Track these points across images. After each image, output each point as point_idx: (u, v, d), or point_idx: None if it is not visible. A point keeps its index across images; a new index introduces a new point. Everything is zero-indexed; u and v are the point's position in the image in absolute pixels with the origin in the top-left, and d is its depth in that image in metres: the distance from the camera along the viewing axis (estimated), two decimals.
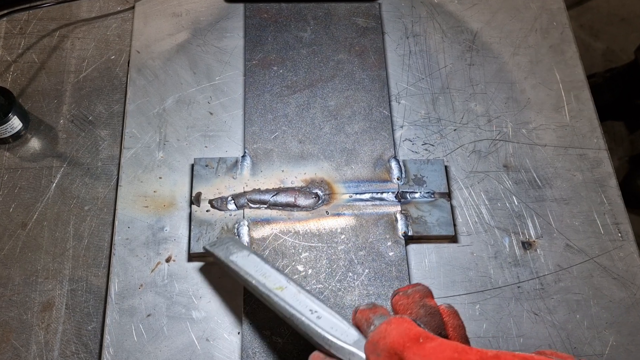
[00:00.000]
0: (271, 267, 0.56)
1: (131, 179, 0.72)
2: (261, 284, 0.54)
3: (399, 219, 0.69)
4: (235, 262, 0.58)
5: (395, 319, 0.44)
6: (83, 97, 0.80)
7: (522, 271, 0.69)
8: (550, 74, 0.82)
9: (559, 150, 0.76)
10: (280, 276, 0.54)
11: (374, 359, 0.43)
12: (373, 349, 0.43)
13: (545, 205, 0.73)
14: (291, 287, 0.53)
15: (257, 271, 0.56)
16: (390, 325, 0.44)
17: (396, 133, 0.76)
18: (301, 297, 0.51)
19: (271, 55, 0.79)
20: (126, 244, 0.68)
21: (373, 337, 0.44)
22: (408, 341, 0.41)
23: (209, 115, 0.76)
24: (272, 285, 0.53)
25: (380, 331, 0.44)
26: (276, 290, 0.52)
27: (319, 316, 0.49)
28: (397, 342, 0.42)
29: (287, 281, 0.53)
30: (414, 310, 0.47)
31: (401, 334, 0.42)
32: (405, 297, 0.48)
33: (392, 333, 0.43)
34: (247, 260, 0.57)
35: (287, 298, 0.51)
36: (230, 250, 0.59)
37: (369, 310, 0.48)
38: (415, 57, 0.82)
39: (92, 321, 0.67)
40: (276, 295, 0.52)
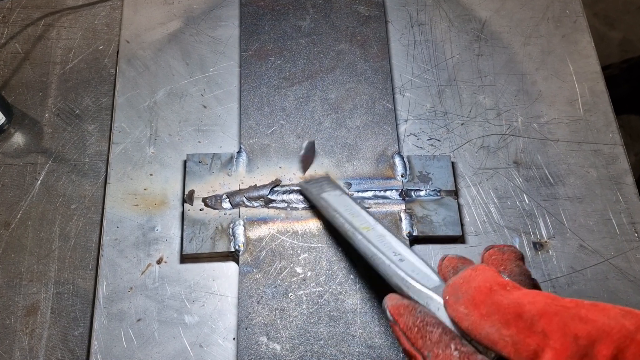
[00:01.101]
0: (362, 209, 0.58)
1: (120, 176, 0.72)
2: (348, 222, 0.56)
3: (403, 218, 0.69)
4: (326, 199, 0.61)
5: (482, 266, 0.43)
6: (69, 89, 0.80)
7: (534, 273, 0.67)
8: (563, 65, 0.82)
9: (572, 145, 0.76)
10: (369, 217, 0.56)
11: (453, 303, 0.42)
12: (453, 291, 0.42)
13: (558, 204, 0.72)
14: (378, 228, 0.54)
15: (346, 210, 0.58)
16: (475, 271, 0.43)
17: (400, 127, 0.76)
18: (387, 239, 0.52)
19: (268, 45, 0.79)
20: (115, 245, 0.68)
21: (455, 280, 0.43)
22: (495, 285, 0.40)
23: (202, 108, 0.76)
24: (359, 224, 0.55)
25: (464, 275, 0.43)
26: (362, 230, 0.54)
27: (402, 259, 0.49)
28: (483, 286, 0.41)
29: (375, 223, 0.55)
30: (509, 266, 0.46)
31: (487, 279, 0.41)
32: (501, 252, 0.47)
33: (478, 278, 0.42)
34: (339, 199, 0.61)
35: (372, 238, 0.53)
36: (324, 188, 0.63)
37: (457, 260, 0.47)
38: (420, 47, 0.82)
39: (79, 326, 0.67)
40: (361, 234, 0.54)
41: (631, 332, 0.35)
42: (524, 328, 0.37)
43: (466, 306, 0.41)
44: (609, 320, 0.36)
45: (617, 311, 0.37)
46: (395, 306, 0.45)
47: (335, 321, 0.63)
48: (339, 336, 0.63)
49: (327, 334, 0.63)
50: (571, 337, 0.36)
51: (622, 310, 0.37)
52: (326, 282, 0.65)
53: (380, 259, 0.50)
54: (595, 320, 0.36)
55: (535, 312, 0.38)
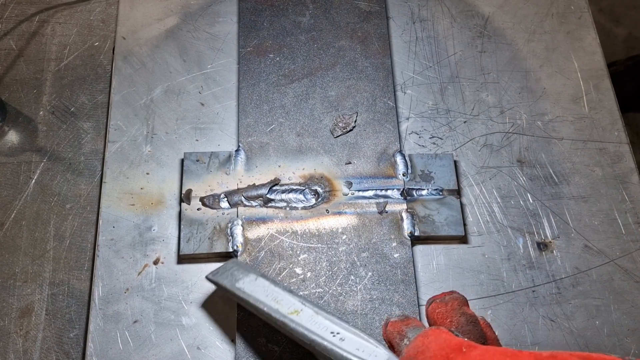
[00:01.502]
0: (283, 290, 0.55)
1: (116, 175, 0.71)
2: (274, 310, 0.53)
3: (405, 218, 0.69)
4: (242, 289, 0.57)
5: (432, 330, 0.43)
6: (64, 86, 0.80)
7: (538, 274, 0.68)
8: (567, 62, 0.81)
9: (577, 144, 0.76)
10: (293, 299, 0.54)
11: None
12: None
13: (562, 203, 0.72)
14: (307, 310, 0.52)
15: (268, 296, 0.55)
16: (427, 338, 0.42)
17: (402, 125, 0.76)
18: (319, 319, 0.51)
19: (267, 42, 0.79)
20: (111, 245, 0.68)
21: (409, 352, 0.43)
22: (451, 352, 0.40)
23: (200, 106, 0.76)
24: (287, 310, 0.53)
25: (417, 345, 0.42)
26: (291, 316, 0.52)
27: (342, 338, 0.48)
28: (439, 355, 0.40)
29: (302, 303, 0.53)
30: (454, 318, 0.46)
31: (441, 346, 0.41)
32: (443, 304, 0.47)
33: (431, 346, 0.41)
34: (255, 285, 0.57)
35: (305, 322, 0.51)
36: (236, 277, 0.58)
37: (401, 322, 0.47)
38: (422, 43, 0.82)
39: (74, 328, 0.67)
40: (292, 321, 0.51)
41: None
42: None
43: None
44: None
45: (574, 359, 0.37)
46: None
47: None
48: None
49: None
50: None
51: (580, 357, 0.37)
52: (326, 283, 0.65)
53: (322, 345, 0.48)
54: None
55: None
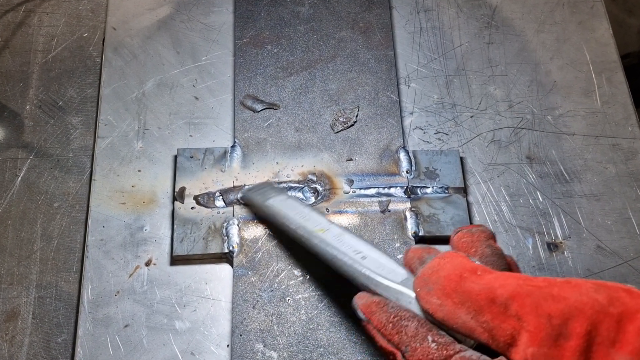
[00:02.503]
0: (312, 211, 0.58)
1: (106, 172, 0.71)
2: (301, 227, 0.55)
3: (409, 217, 0.69)
4: (272, 206, 0.60)
5: (449, 253, 0.45)
6: (52, 79, 0.80)
7: (548, 276, 0.68)
8: (579, 54, 0.81)
9: (589, 139, 0.76)
10: (321, 218, 0.56)
11: (425, 294, 0.43)
12: (424, 283, 0.43)
13: (574, 202, 0.72)
14: (334, 229, 0.54)
15: (297, 214, 0.58)
16: (443, 259, 0.44)
17: (405, 120, 0.76)
18: (345, 238, 0.52)
19: (264, 33, 0.79)
20: (101, 246, 0.68)
21: (424, 271, 0.44)
22: (464, 272, 0.42)
23: (194, 100, 0.76)
24: (313, 227, 0.55)
25: (433, 265, 0.44)
26: (317, 232, 0.54)
27: (364, 256, 0.50)
28: (453, 273, 0.42)
29: (329, 223, 0.55)
30: (479, 248, 0.47)
31: (456, 266, 0.43)
32: (470, 234, 0.48)
33: (446, 266, 0.43)
34: (286, 203, 0.60)
35: (329, 239, 0.53)
36: (267, 195, 0.62)
37: (422, 250, 0.48)
38: (426, 34, 0.81)
39: (62, 332, 0.67)
40: (317, 237, 0.53)
41: (604, 307, 0.37)
42: (498, 313, 0.39)
43: (438, 296, 0.42)
44: (581, 297, 0.37)
45: (589, 286, 0.38)
46: (366, 304, 0.46)
47: (336, 327, 0.63)
48: (340, 343, 0.62)
49: (327, 341, 0.62)
50: (545, 318, 0.37)
51: (595, 285, 0.39)
52: (326, 285, 0.65)
53: (342, 260, 0.50)
54: (568, 298, 0.37)
55: (507, 296, 0.39)
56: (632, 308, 0.37)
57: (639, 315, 0.37)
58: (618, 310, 0.37)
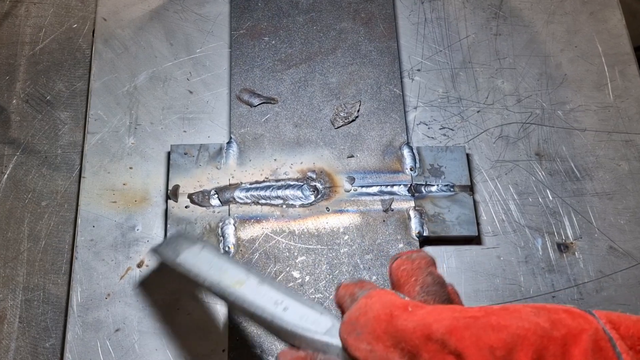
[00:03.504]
0: (227, 261, 0.56)
1: (96, 170, 0.71)
2: (215, 283, 0.54)
3: (412, 217, 0.69)
4: (184, 263, 0.57)
5: (376, 292, 0.44)
6: (40, 72, 0.80)
7: (558, 278, 0.68)
8: (590, 46, 0.81)
9: (601, 135, 0.76)
10: (238, 270, 0.54)
11: (353, 341, 0.41)
12: (351, 328, 0.42)
13: (585, 201, 0.72)
14: (252, 280, 0.53)
15: (212, 268, 0.56)
16: (370, 299, 0.43)
17: (409, 115, 0.76)
18: (263, 289, 0.51)
19: (262, 24, 0.79)
20: (90, 246, 0.68)
21: (350, 315, 0.43)
22: (395, 310, 0.41)
23: (188, 94, 0.76)
24: (230, 282, 0.53)
25: (360, 307, 0.43)
26: (234, 287, 0.53)
27: (286, 307, 0.49)
28: (382, 313, 0.41)
29: (247, 274, 0.53)
30: (420, 277, 0.46)
31: (385, 305, 0.41)
32: (409, 261, 0.47)
33: (375, 306, 0.42)
34: (199, 257, 0.57)
35: (247, 293, 0.52)
36: (179, 250, 0.59)
37: (354, 285, 0.47)
38: (431, 25, 0.81)
39: (50, 337, 0.67)
40: (233, 294, 0.52)
41: (547, 331, 0.36)
42: (436, 351, 0.37)
43: (368, 341, 0.40)
44: (522, 323, 0.37)
45: (528, 310, 0.38)
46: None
47: None
48: None
49: None
50: (487, 350, 0.36)
51: (534, 308, 0.38)
52: (326, 288, 0.65)
53: (262, 317, 0.49)
54: (508, 326, 0.37)
55: (443, 331, 0.38)
56: (575, 330, 0.36)
57: (583, 337, 0.36)
58: (561, 333, 0.36)
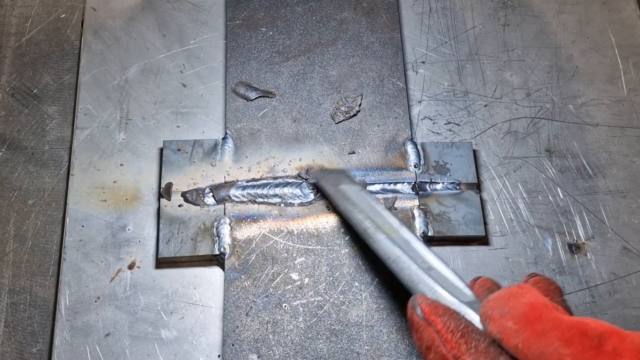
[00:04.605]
0: (384, 210, 0.58)
1: (85, 167, 0.71)
2: (370, 219, 0.56)
3: (417, 216, 0.68)
4: (344, 193, 0.62)
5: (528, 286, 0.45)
6: (26, 65, 0.80)
7: (569, 280, 0.68)
8: (603, 37, 0.81)
9: (614, 130, 0.76)
10: (392, 219, 0.56)
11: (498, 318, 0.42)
12: (497, 305, 0.43)
13: (598, 199, 0.72)
14: (403, 232, 0.54)
15: (367, 207, 0.58)
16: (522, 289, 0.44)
17: (413, 110, 0.76)
18: (413, 245, 0.53)
19: (258, 14, 0.78)
20: (79, 247, 0.68)
21: (500, 295, 0.44)
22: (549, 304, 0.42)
23: (181, 87, 0.76)
24: (382, 224, 0.55)
25: (511, 291, 0.44)
26: (386, 229, 0.54)
27: (430, 268, 0.50)
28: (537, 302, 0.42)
29: (400, 226, 0.55)
30: (555, 298, 0.47)
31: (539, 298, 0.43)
32: (547, 282, 0.48)
33: (528, 295, 0.43)
34: (358, 194, 0.61)
35: (398, 240, 0.53)
36: (341, 181, 0.64)
37: (492, 282, 0.49)
38: (436, 15, 0.81)
39: (37, 342, 0.67)
40: (384, 234, 0.54)
41: None
42: (589, 347, 0.38)
43: (515, 322, 0.41)
44: None
45: None
46: (432, 305, 0.46)
47: (337, 336, 0.63)
48: (342, 353, 0.62)
49: (328, 351, 0.62)
50: None
51: None
52: (326, 290, 0.65)
53: (406, 264, 0.50)
54: None
55: (602, 331, 0.39)
56: None
57: None
58: None
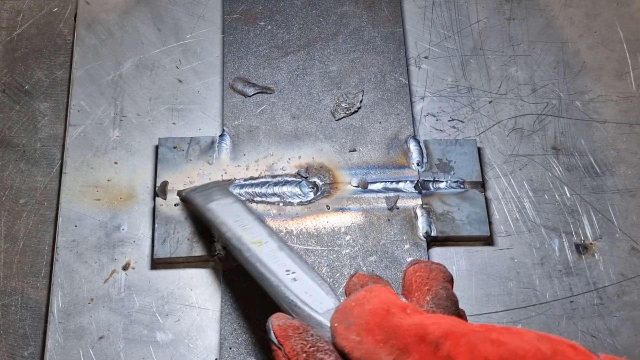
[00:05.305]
0: (255, 220, 0.58)
1: (78, 165, 0.71)
2: (236, 237, 0.56)
3: (419, 216, 0.68)
4: (212, 210, 0.60)
5: (377, 287, 0.45)
6: (17, 60, 0.80)
7: (576, 281, 0.68)
8: (611, 31, 0.81)
9: (622, 127, 0.76)
10: (262, 230, 0.57)
11: (343, 330, 0.42)
12: (343, 317, 0.43)
13: (606, 198, 0.72)
14: (272, 243, 0.55)
15: (237, 222, 0.58)
16: (370, 293, 0.44)
17: (416, 106, 0.76)
18: (280, 255, 0.53)
19: (257, 7, 0.78)
20: (72, 247, 0.67)
21: (346, 304, 0.44)
22: (393, 307, 0.42)
23: (177, 83, 0.76)
24: (249, 239, 0.55)
25: (358, 297, 0.44)
26: (252, 245, 0.55)
27: (296, 278, 0.50)
28: (380, 307, 0.42)
29: (269, 235, 0.56)
30: (434, 287, 0.47)
31: (384, 301, 0.43)
32: (427, 270, 0.48)
33: (373, 300, 0.43)
34: (228, 208, 0.60)
35: (262, 255, 0.53)
36: (212, 197, 0.63)
37: (369, 278, 0.48)
38: (440, 9, 0.81)
39: (28, 345, 0.67)
40: (249, 250, 0.54)
41: (547, 357, 0.37)
42: (427, 353, 0.38)
43: (358, 332, 0.41)
44: (523, 344, 0.38)
45: (532, 335, 0.39)
46: (283, 327, 0.46)
47: None
48: None
49: None
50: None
51: (537, 335, 0.39)
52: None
53: (268, 280, 0.51)
54: (508, 343, 0.38)
55: (439, 334, 0.38)
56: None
57: None
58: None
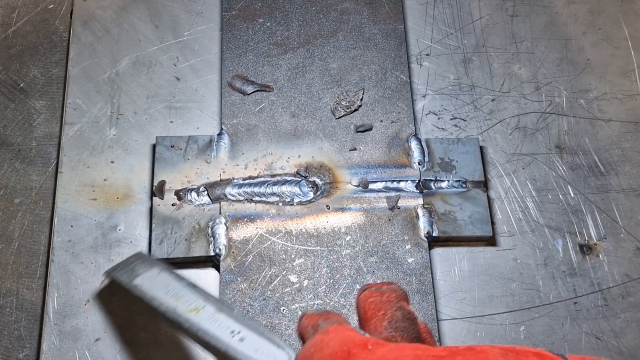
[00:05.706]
0: (185, 287, 0.58)
1: (75, 164, 0.71)
2: (170, 309, 0.56)
3: (421, 216, 0.68)
4: (140, 286, 0.59)
5: (334, 327, 0.45)
6: (13, 57, 0.80)
7: (580, 282, 0.68)
8: (616, 28, 0.81)
9: (627, 126, 0.76)
10: (196, 295, 0.57)
11: None
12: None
13: (610, 198, 0.72)
14: (209, 307, 0.55)
15: (168, 293, 0.58)
16: (327, 335, 0.44)
17: (417, 104, 0.76)
18: (221, 318, 0.53)
19: (256, 4, 0.78)
20: (68, 248, 0.67)
21: (304, 352, 0.44)
22: (354, 347, 0.41)
23: (175, 81, 0.76)
24: (185, 308, 0.55)
25: (315, 343, 0.44)
26: (189, 314, 0.55)
27: (242, 338, 0.51)
28: (340, 350, 0.42)
29: (205, 301, 0.56)
30: (389, 311, 0.47)
31: (343, 342, 0.42)
32: (379, 293, 0.48)
33: (331, 342, 0.43)
34: (156, 281, 0.60)
35: (203, 322, 0.54)
36: (136, 272, 0.61)
37: (318, 316, 0.48)
38: (441, 5, 0.81)
39: (24, 347, 0.67)
40: (187, 321, 0.54)
41: None
42: None
43: None
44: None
45: (496, 351, 0.38)
46: None
47: None
48: None
49: None
50: None
51: (502, 350, 0.39)
52: (326, 293, 0.65)
53: (216, 347, 0.51)
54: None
55: None
56: None
57: None
58: None
